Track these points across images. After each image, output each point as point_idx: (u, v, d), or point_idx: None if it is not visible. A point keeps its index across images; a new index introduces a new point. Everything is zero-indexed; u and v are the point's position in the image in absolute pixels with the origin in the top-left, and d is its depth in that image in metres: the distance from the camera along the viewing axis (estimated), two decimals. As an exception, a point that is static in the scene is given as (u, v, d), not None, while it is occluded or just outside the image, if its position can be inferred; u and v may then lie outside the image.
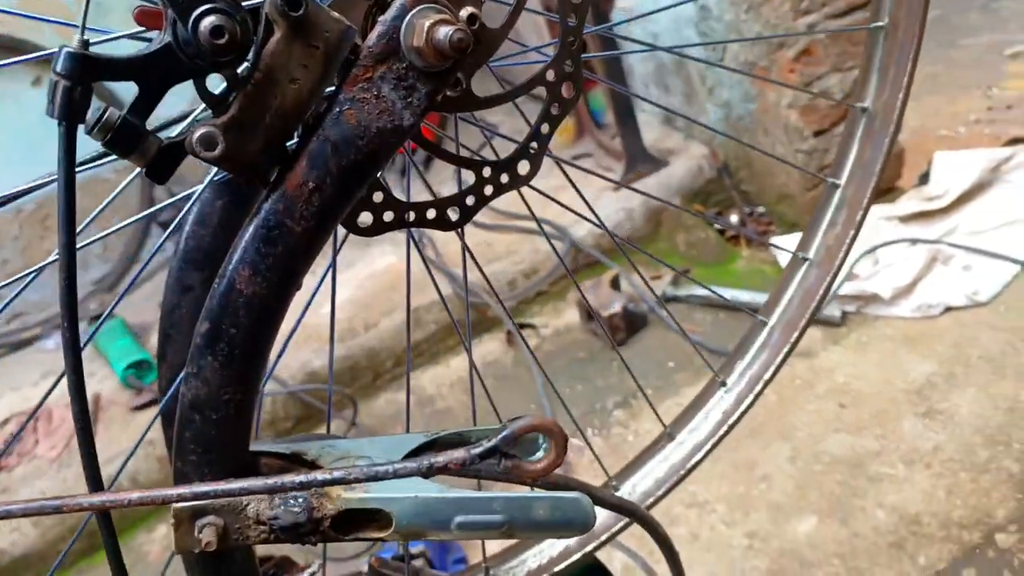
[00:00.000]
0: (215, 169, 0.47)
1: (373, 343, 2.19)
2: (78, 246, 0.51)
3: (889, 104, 0.77)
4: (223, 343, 0.42)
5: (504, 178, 0.52)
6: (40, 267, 0.49)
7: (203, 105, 0.41)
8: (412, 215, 0.48)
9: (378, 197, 0.46)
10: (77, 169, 0.38)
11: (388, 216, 0.47)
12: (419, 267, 1.66)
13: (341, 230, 0.48)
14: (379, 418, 2.11)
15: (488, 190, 0.51)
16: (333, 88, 0.41)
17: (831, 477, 1.56)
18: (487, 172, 0.51)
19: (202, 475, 0.44)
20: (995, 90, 2.91)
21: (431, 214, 0.49)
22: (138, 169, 0.39)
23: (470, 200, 0.51)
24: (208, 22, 0.34)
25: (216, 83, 0.38)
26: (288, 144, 0.40)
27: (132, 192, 2.88)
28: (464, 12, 0.46)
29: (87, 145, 0.40)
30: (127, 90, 0.35)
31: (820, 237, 0.82)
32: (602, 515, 0.73)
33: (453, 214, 0.51)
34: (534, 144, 0.52)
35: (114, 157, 0.39)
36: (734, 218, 2.42)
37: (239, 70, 0.38)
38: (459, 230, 0.52)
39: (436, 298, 2.22)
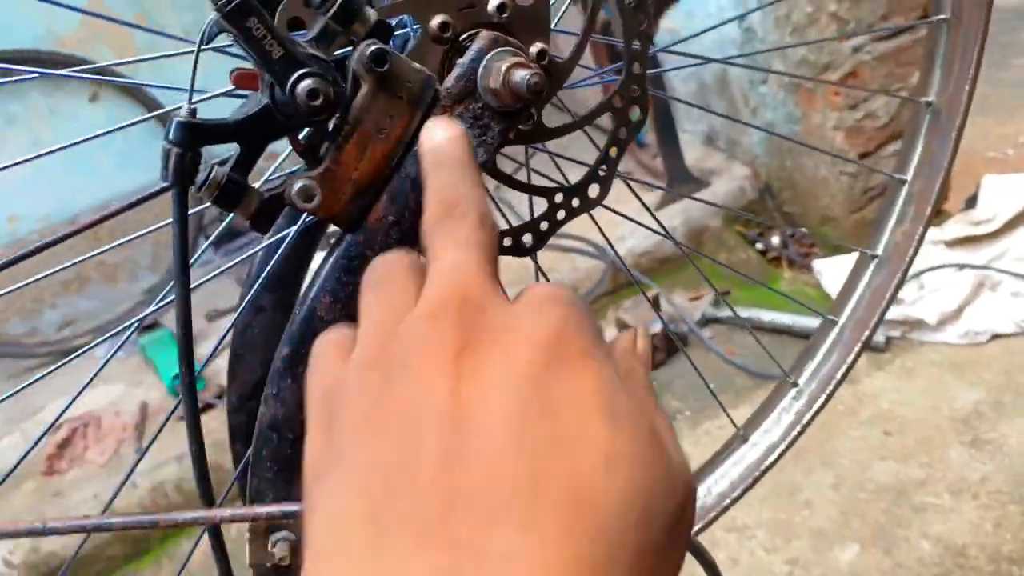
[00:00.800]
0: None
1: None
2: (127, 241, 0.54)
3: (955, 97, 0.77)
4: (303, 367, 0.44)
5: (575, 202, 0.53)
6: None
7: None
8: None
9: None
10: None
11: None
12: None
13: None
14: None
15: (560, 215, 0.53)
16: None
17: (875, 505, 1.54)
18: (559, 198, 0.53)
19: (278, 492, 0.46)
20: (1046, 112, 2.87)
21: (507, 242, 0.51)
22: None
23: (544, 225, 0.52)
24: (304, 86, 0.37)
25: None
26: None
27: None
28: (534, 49, 0.48)
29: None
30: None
31: (888, 234, 0.82)
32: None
33: (527, 239, 0.53)
34: (603, 167, 0.54)
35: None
36: (776, 239, 2.41)
37: (329, 123, 0.40)
38: (533, 255, 0.54)
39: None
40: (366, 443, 0.26)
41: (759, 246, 2.41)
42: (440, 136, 0.37)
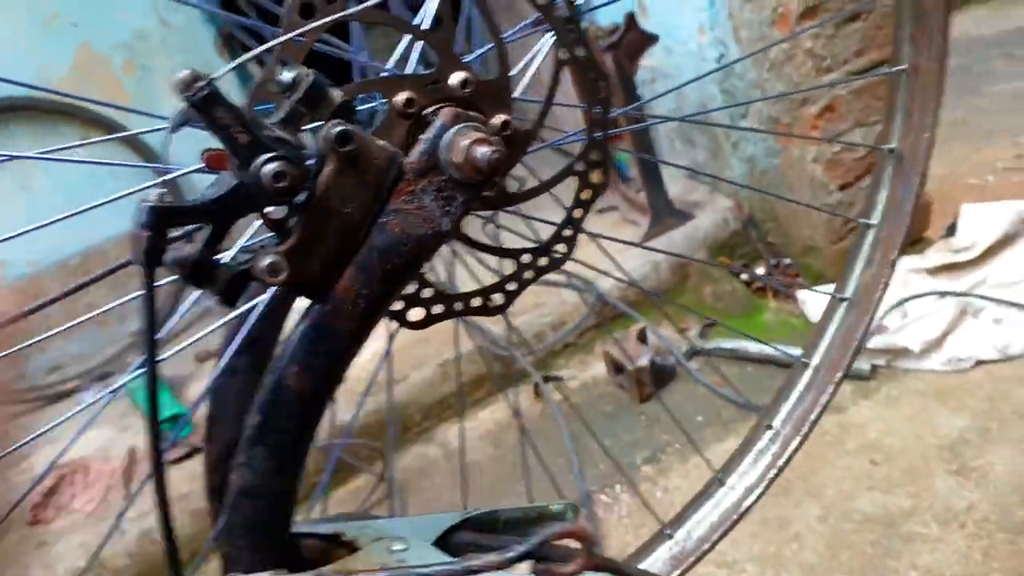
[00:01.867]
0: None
1: (402, 396, 2.21)
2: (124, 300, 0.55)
3: (916, 144, 0.80)
4: (273, 434, 0.45)
5: (543, 261, 0.55)
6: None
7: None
8: (460, 305, 0.52)
9: (427, 293, 0.50)
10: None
11: (437, 309, 0.50)
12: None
13: (393, 324, 0.52)
14: (408, 472, 2.13)
15: (528, 274, 0.54)
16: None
17: (863, 536, 1.54)
18: (526, 259, 0.54)
19: (251, 560, 0.46)
20: (1023, 138, 2.91)
21: (476, 302, 0.52)
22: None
23: (511, 286, 0.54)
24: (270, 168, 0.38)
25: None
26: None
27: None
28: (497, 119, 0.50)
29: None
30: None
31: (857, 277, 0.84)
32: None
33: (497, 299, 0.54)
34: (568, 227, 0.56)
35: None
36: (760, 270, 2.43)
37: (297, 199, 0.41)
38: (504, 314, 0.55)
39: (463, 351, 2.24)
40: None
41: (744, 277, 2.43)
42: None
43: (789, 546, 1.56)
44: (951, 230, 2.28)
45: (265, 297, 0.52)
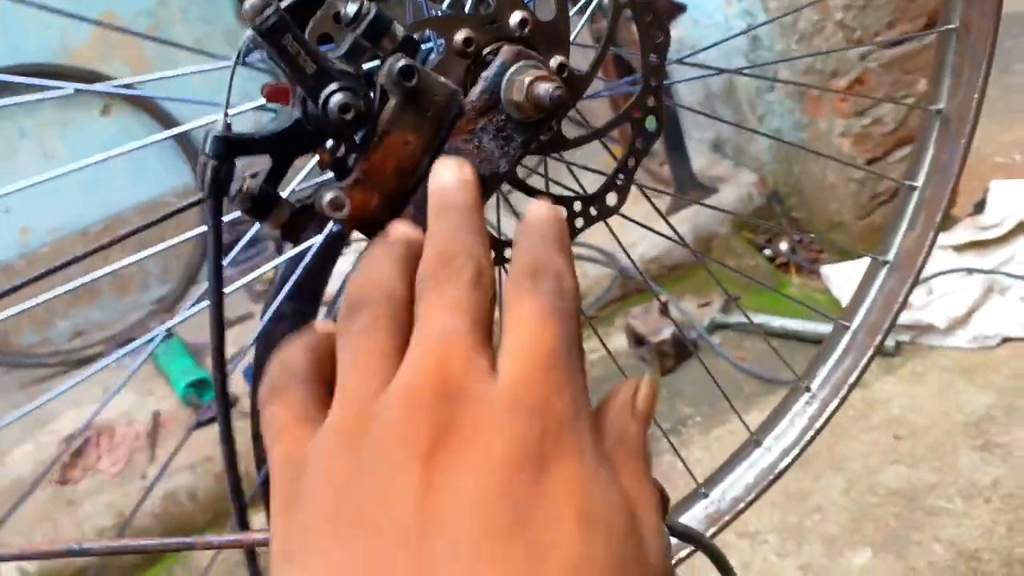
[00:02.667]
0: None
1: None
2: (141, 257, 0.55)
3: (964, 105, 0.78)
4: (331, 373, 0.45)
5: (593, 211, 0.55)
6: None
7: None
8: (509, 251, 0.51)
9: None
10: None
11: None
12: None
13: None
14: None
15: (579, 223, 0.54)
16: (440, 139, 0.44)
17: (886, 509, 1.54)
18: (578, 207, 0.54)
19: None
20: (1052, 117, 2.87)
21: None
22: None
23: (563, 233, 0.54)
24: (336, 100, 0.38)
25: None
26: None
27: (191, 215, 2.98)
28: (554, 62, 0.49)
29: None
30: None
31: (899, 239, 0.83)
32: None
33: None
34: (621, 176, 0.55)
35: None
36: (784, 245, 2.41)
37: (357, 135, 0.41)
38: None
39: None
40: (329, 545, 0.25)
41: (767, 252, 2.41)
42: (448, 178, 0.36)
43: (811, 517, 1.56)
44: (979, 207, 2.25)
45: (318, 240, 0.52)
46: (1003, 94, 3.14)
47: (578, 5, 0.56)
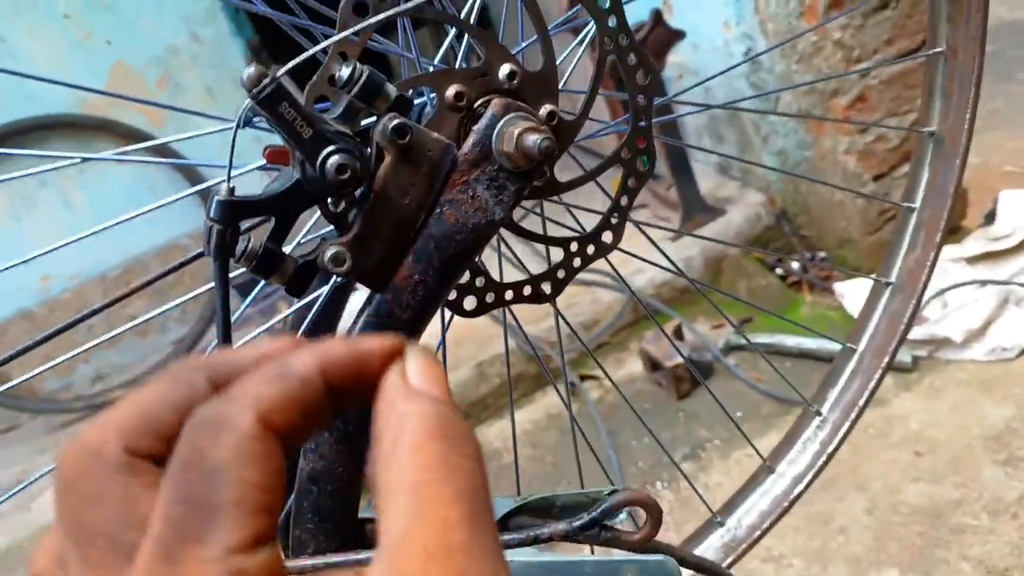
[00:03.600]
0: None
1: (439, 398, 2.22)
2: (161, 311, 0.57)
3: (956, 126, 0.79)
4: (338, 421, 0.46)
5: (590, 249, 0.56)
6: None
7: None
8: (511, 293, 0.53)
9: (479, 282, 0.51)
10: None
11: (489, 297, 0.51)
12: (484, 322, 1.70)
13: (447, 313, 0.53)
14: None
15: (576, 262, 0.55)
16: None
17: (911, 528, 1.52)
18: (574, 247, 0.55)
19: (318, 542, 0.48)
20: (1060, 124, 2.86)
21: (527, 291, 0.53)
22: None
23: (560, 273, 0.55)
24: (333, 161, 0.40)
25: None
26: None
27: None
28: (544, 111, 0.51)
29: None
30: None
31: (900, 261, 0.83)
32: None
33: (546, 287, 0.55)
34: (615, 215, 0.56)
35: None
36: (795, 264, 2.41)
37: (356, 191, 0.43)
38: (553, 302, 0.56)
39: (499, 352, 2.26)
40: None
41: (779, 271, 2.41)
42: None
43: (835, 539, 1.55)
44: (990, 218, 2.24)
45: (324, 290, 0.54)
46: (1009, 103, 3.13)
47: (567, 50, 0.58)
